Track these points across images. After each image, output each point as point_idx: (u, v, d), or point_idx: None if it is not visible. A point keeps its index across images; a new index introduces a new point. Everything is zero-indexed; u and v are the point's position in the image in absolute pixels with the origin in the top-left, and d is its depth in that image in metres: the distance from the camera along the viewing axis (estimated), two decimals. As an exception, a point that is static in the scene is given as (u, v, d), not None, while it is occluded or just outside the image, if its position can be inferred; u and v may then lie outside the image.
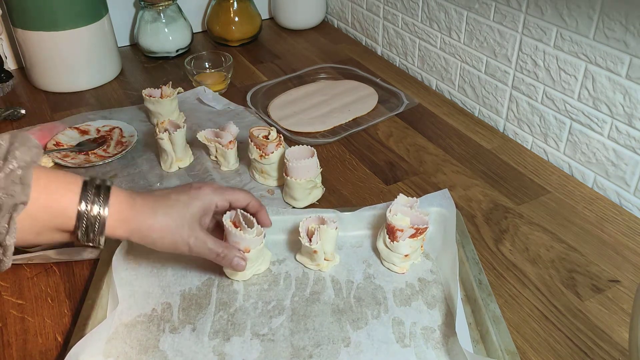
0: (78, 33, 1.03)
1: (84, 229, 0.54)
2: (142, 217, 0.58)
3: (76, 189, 0.54)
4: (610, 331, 0.61)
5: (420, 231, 0.66)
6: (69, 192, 0.54)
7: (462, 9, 0.99)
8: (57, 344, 0.60)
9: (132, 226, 0.57)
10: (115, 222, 0.56)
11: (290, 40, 1.31)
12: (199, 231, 0.60)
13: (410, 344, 0.59)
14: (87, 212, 0.54)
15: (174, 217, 0.59)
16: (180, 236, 0.59)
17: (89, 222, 0.54)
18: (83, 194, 0.54)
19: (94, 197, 0.54)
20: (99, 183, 0.55)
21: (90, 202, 0.54)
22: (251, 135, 0.79)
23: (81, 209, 0.53)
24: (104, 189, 0.55)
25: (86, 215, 0.54)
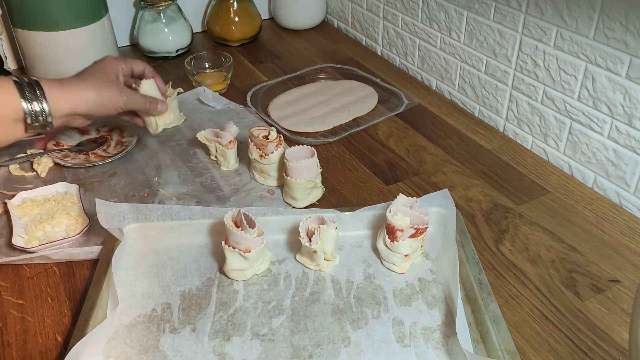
0: (78, 33, 1.03)
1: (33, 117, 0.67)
2: (75, 85, 0.71)
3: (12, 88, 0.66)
4: (610, 331, 0.61)
5: (420, 231, 0.66)
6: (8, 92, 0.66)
7: (462, 9, 0.99)
8: (57, 344, 0.60)
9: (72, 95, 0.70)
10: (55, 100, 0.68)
11: (290, 40, 1.31)
12: (124, 89, 0.76)
13: (411, 344, 0.59)
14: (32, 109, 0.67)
15: (100, 79, 0.74)
16: (113, 91, 0.73)
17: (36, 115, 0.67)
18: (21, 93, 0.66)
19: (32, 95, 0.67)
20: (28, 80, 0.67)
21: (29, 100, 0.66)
22: (251, 135, 0.79)
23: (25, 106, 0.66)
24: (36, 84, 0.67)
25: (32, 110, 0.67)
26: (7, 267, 0.69)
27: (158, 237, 0.71)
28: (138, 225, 0.71)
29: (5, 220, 0.74)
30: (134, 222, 0.70)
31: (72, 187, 0.78)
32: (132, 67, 0.81)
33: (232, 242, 0.64)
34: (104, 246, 0.69)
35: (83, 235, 0.72)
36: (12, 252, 0.69)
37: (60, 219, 0.73)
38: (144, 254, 0.70)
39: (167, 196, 0.80)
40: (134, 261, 0.69)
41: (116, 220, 0.69)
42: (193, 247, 0.71)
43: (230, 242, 0.64)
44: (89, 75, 0.74)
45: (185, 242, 0.71)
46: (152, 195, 0.80)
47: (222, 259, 0.66)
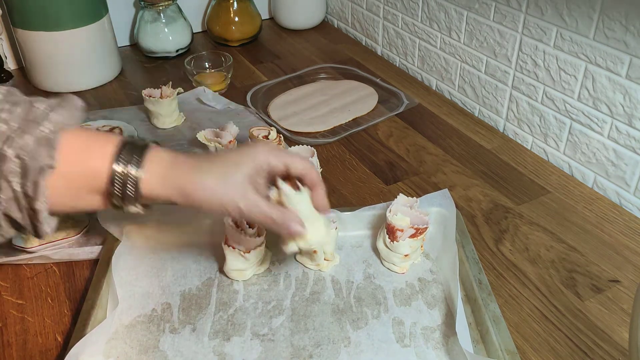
0: (78, 33, 1.03)
1: (119, 191, 0.50)
2: (185, 174, 0.52)
3: (112, 148, 0.50)
4: (610, 331, 0.61)
5: (420, 231, 0.66)
6: (103, 152, 0.50)
7: (462, 9, 0.99)
8: (57, 344, 0.60)
9: (173, 184, 0.51)
10: (153, 180, 0.51)
11: (290, 40, 1.31)
12: (251, 193, 0.53)
13: (411, 344, 0.59)
14: (121, 172, 0.50)
15: (223, 176, 0.52)
16: (230, 198, 0.52)
17: (123, 182, 0.50)
18: (117, 153, 0.50)
19: (129, 157, 0.50)
20: (137, 142, 0.52)
21: (124, 162, 0.50)
22: (251, 135, 0.79)
23: (114, 169, 0.49)
24: (140, 148, 0.51)
25: (119, 176, 0.49)
26: (7, 267, 0.69)
27: (158, 237, 0.71)
28: (138, 225, 0.70)
29: (5, 220, 0.74)
30: (134, 222, 0.70)
31: (72, 187, 0.78)
32: (288, 164, 0.56)
33: (232, 242, 0.64)
34: (103, 246, 0.69)
35: (83, 235, 0.72)
36: (12, 252, 0.69)
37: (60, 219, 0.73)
38: (143, 254, 0.70)
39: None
40: (134, 261, 0.69)
41: (116, 220, 0.69)
42: (193, 247, 0.71)
43: (230, 242, 0.64)
44: (213, 165, 0.53)
45: (186, 242, 0.71)
46: (152, 195, 0.80)
47: (222, 259, 0.66)
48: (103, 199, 0.51)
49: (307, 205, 0.56)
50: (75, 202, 0.51)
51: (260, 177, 0.55)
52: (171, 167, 0.52)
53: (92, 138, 0.51)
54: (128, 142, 0.51)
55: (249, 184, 0.53)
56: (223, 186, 0.52)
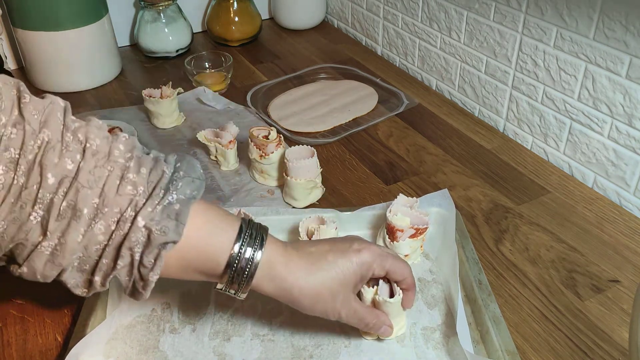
0: (78, 33, 1.03)
1: (232, 275, 0.50)
2: (294, 277, 0.52)
3: (234, 230, 0.50)
4: (610, 331, 0.61)
5: (420, 231, 0.66)
6: (224, 235, 0.49)
7: (462, 9, 0.99)
8: (57, 344, 0.60)
9: (281, 285, 0.52)
10: (264, 276, 0.51)
11: (290, 40, 1.31)
12: (352, 301, 0.54)
13: (411, 344, 0.59)
14: (241, 254, 0.49)
15: (329, 284, 0.53)
16: (333, 306, 0.53)
17: (240, 267, 0.49)
18: (240, 234, 0.50)
19: (250, 239, 0.50)
20: (255, 226, 0.52)
21: (245, 244, 0.50)
22: (251, 135, 0.79)
23: (235, 248, 0.49)
24: (260, 232, 0.51)
25: (238, 259, 0.49)
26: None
27: (158, 237, 0.71)
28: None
29: (5, 220, 0.74)
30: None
31: (72, 187, 0.78)
32: (389, 271, 0.56)
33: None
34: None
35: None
36: (12, 252, 0.69)
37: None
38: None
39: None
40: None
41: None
42: (193, 247, 0.71)
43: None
44: (321, 270, 0.53)
45: (185, 242, 0.71)
46: (152, 195, 0.80)
47: (222, 259, 0.66)
48: (211, 279, 0.51)
49: (398, 307, 0.58)
50: (180, 275, 0.50)
51: (361, 284, 0.56)
52: (283, 265, 0.52)
53: (214, 216, 0.50)
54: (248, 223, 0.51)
55: (350, 292, 0.54)
56: (328, 295, 0.53)
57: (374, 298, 0.56)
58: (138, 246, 0.45)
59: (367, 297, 0.57)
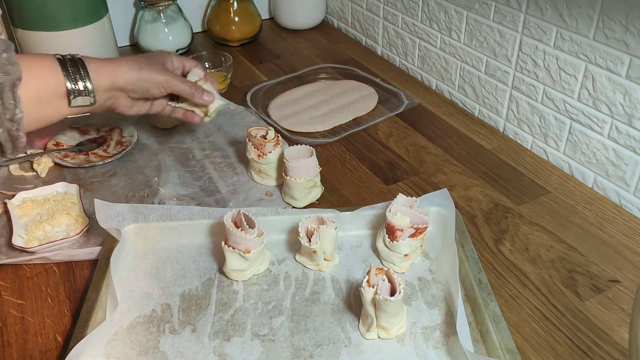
0: (78, 33, 1.03)
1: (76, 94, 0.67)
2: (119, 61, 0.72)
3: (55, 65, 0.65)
4: (610, 331, 0.61)
5: (420, 231, 0.66)
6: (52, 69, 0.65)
7: (462, 9, 0.99)
8: (57, 344, 0.60)
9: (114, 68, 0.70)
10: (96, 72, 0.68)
11: (290, 40, 1.31)
12: (168, 70, 0.75)
13: (411, 344, 0.59)
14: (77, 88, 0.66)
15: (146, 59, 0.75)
16: (155, 69, 0.73)
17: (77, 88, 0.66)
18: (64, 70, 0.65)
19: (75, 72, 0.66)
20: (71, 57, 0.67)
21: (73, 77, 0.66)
22: (249, 135, 0.79)
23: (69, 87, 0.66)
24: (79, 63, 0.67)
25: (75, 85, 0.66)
26: (7, 267, 0.69)
27: (157, 237, 0.71)
28: (137, 225, 0.70)
29: (5, 220, 0.74)
30: (133, 222, 0.70)
31: (72, 187, 0.78)
32: (183, 63, 0.79)
33: (231, 242, 0.64)
34: (103, 247, 0.69)
35: (83, 235, 0.72)
36: (12, 252, 0.69)
37: (60, 219, 0.73)
38: (143, 254, 0.70)
39: (167, 196, 0.80)
40: (134, 262, 0.69)
41: (115, 221, 0.69)
42: (192, 247, 0.71)
43: (229, 242, 0.64)
44: (133, 58, 0.74)
45: (185, 242, 0.71)
46: (152, 195, 0.80)
47: (221, 259, 0.66)
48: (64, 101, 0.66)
49: (398, 306, 0.58)
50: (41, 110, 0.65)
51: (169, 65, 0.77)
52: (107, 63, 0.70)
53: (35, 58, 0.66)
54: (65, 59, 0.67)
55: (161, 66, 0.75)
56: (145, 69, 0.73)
57: (374, 297, 0.56)
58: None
59: (367, 296, 0.57)
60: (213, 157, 0.88)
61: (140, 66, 0.72)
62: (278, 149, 0.79)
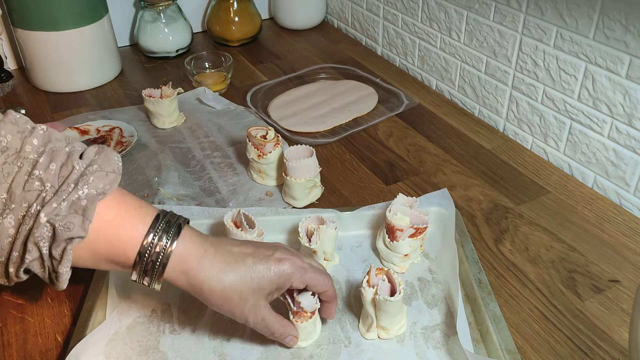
0: (78, 33, 1.03)
1: (143, 267, 0.50)
2: (206, 275, 0.51)
3: (144, 224, 0.50)
4: (610, 331, 0.61)
5: (420, 231, 0.66)
6: (134, 229, 0.50)
7: (462, 9, 0.99)
8: (57, 344, 0.60)
9: (193, 282, 0.51)
10: (176, 270, 0.51)
11: (290, 40, 1.31)
12: (262, 307, 0.54)
13: (411, 344, 0.59)
14: (152, 246, 0.50)
15: (240, 287, 0.52)
16: (241, 310, 0.53)
17: (151, 259, 0.50)
18: (152, 227, 0.50)
19: (163, 232, 0.50)
20: (171, 218, 0.52)
21: (157, 237, 0.50)
22: (249, 135, 0.79)
23: (146, 241, 0.49)
24: (175, 225, 0.51)
25: (149, 251, 0.50)
26: (7, 267, 0.69)
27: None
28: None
29: (5, 220, 0.74)
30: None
31: (72, 187, 0.78)
32: (309, 284, 0.56)
33: (232, 242, 0.64)
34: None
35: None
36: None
37: (60, 219, 0.73)
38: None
39: (167, 196, 0.80)
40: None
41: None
42: (193, 247, 0.71)
43: (230, 242, 0.64)
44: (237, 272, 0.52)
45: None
46: (152, 196, 0.80)
47: (222, 259, 0.66)
48: (124, 269, 0.52)
49: (399, 306, 0.57)
50: (94, 266, 0.51)
51: (277, 293, 0.56)
52: (197, 259, 0.51)
53: (127, 208, 0.50)
54: (162, 215, 0.52)
55: (263, 299, 0.54)
56: (238, 300, 0.53)
57: (374, 297, 0.56)
58: (43, 241, 0.47)
59: (367, 296, 0.57)
60: (213, 157, 0.88)
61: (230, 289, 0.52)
62: (278, 149, 0.79)
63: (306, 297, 0.56)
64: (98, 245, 0.49)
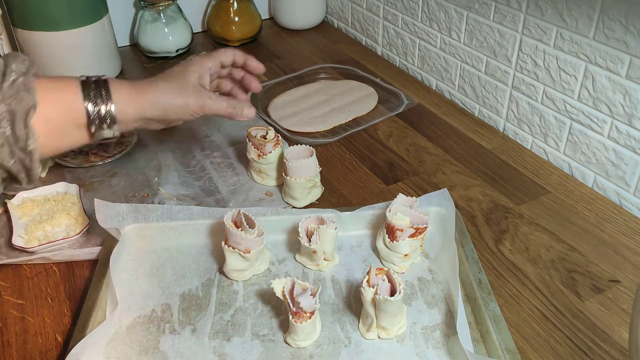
0: (78, 33, 1.03)
1: (97, 123, 0.59)
2: (146, 88, 0.63)
3: (77, 88, 0.58)
4: (610, 331, 0.61)
5: (419, 230, 0.66)
6: (72, 93, 0.58)
7: (462, 9, 0.99)
8: (57, 344, 0.60)
9: (141, 99, 0.62)
10: (123, 104, 0.60)
11: (290, 40, 1.31)
12: (203, 92, 0.67)
13: (411, 344, 0.59)
14: (96, 109, 0.58)
15: (176, 82, 0.66)
16: (189, 96, 0.66)
17: (100, 118, 0.59)
18: (85, 94, 0.58)
19: (97, 94, 0.59)
20: (97, 80, 0.60)
21: (94, 101, 0.58)
22: (249, 135, 0.79)
23: (88, 108, 0.58)
24: (102, 83, 0.60)
25: (95, 113, 0.58)
26: (7, 267, 0.69)
27: (157, 237, 0.71)
28: (137, 225, 0.70)
29: (5, 220, 0.74)
30: (133, 222, 0.70)
31: (72, 187, 0.78)
32: (220, 60, 0.72)
33: (232, 242, 0.64)
34: (103, 247, 0.69)
35: (83, 235, 0.72)
36: (12, 252, 0.69)
37: (60, 219, 0.73)
38: (143, 254, 0.70)
39: (167, 196, 0.80)
40: (134, 262, 0.69)
41: (115, 221, 0.69)
42: (192, 247, 0.71)
43: (230, 242, 0.64)
44: (163, 80, 0.66)
45: (185, 242, 0.71)
46: (152, 196, 0.80)
47: (221, 259, 0.66)
48: (85, 131, 0.59)
49: (398, 306, 0.58)
50: (60, 140, 0.58)
51: (204, 79, 0.69)
52: (134, 92, 0.62)
53: (57, 80, 0.59)
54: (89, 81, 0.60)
55: (199, 86, 0.67)
56: (180, 88, 0.66)
57: (374, 297, 0.56)
58: (4, 122, 0.52)
59: (367, 296, 0.57)
60: (213, 157, 0.88)
61: (170, 93, 0.65)
62: (278, 149, 0.79)
63: (306, 298, 0.56)
64: (49, 111, 0.55)
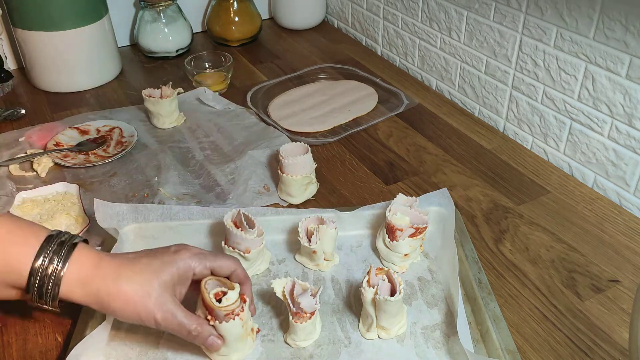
0: (78, 33, 1.03)
1: (36, 289, 0.50)
2: (103, 281, 0.51)
3: (36, 243, 0.50)
4: (610, 331, 0.61)
5: (419, 230, 0.66)
6: (27, 246, 0.50)
7: (462, 9, 0.99)
8: (57, 344, 0.60)
9: (89, 290, 0.51)
10: (72, 283, 0.51)
11: (290, 40, 1.31)
12: (169, 303, 0.52)
13: (411, 344, 0.59)
14: (42, 269, 0.49)
15: (140, 284, 0.51)
16: (145, 308, 0.51)
17: (42, 281, 0.49)
18: (42, 248, 0.50)
19: (53, 254, 0.50)
20: (64, 239, 0.51)
21: (47, 259, 0.50)
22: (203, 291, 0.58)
23: (36, 265, 0.49)
24: (67, 245, 0.51)
25: (40, 273, 0.49)
26: (7, 267, 0.69)
27: (157, 237, 0.71)
28: (137, 225, 0.70)
29: (5, 220, 0.74)
30: (133, 222, 0.70)
31: (72, 187, 0.78)
32: (213, 269, 0.56)
33: (231, 242, 0.64)
34: (103, 247, 0.69)
35: (83, 235, 0.72)
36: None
37: (60, 219, 0.73)
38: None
39: (167, 196, 0.80)
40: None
41: (115, 221, 0.69)
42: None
43: (229, 242, 0.64)
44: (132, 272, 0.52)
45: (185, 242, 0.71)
46: (152, 195, 0.80)
47: (222, 259, 0.66)
48: (20, 293, 0.51)
49: (398, 306, 0.57)
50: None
51: (182, 285, 0.54)
52: (92, 269, 0.51)
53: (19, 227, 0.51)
54: (55, 235, 0.51)
55: (167, 294, 0.52)
56: (140, 296, 0.51)
57: (374, 297, 0.56)
58: None
59: (367, 296, 0.57)
60: (213, 157, 0.88)
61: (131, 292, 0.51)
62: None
63: (306, 298, 0.56)
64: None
